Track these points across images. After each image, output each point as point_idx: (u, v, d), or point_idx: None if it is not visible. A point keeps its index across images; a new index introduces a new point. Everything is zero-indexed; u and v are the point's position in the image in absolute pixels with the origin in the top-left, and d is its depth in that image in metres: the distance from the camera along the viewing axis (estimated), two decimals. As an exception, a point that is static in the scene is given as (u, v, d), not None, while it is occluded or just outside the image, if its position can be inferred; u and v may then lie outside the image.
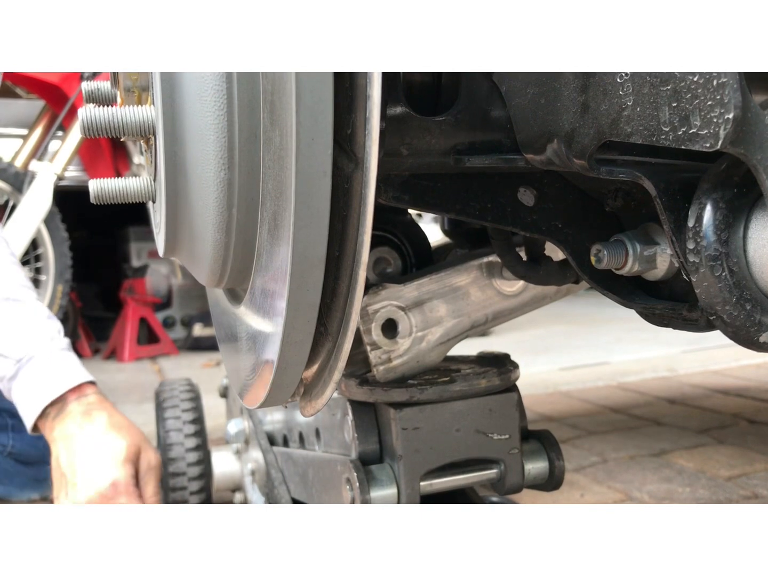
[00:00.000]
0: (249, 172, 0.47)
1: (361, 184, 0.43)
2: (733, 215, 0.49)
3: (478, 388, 0.78)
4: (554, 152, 0.52)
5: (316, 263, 0.44)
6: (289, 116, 0.40)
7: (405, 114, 0.54)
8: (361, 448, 0.80)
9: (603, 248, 0.58)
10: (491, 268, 0.83)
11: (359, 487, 0.74)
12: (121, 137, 0.50)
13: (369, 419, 0.80)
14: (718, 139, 0.42)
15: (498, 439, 0.80)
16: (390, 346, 0.79)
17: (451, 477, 0.80)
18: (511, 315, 0.86)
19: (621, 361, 2.88)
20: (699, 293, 0.50)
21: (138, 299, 3.90)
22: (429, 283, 0.81)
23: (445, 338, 0.82)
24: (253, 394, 0.57)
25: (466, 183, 0.62)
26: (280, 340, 0.46)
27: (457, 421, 0.78)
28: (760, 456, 1.62)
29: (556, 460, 0.84)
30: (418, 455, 0.76)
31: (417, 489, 0.76)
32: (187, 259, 0.57)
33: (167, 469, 1.24)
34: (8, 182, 3.27)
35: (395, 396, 0.77)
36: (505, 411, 0.80)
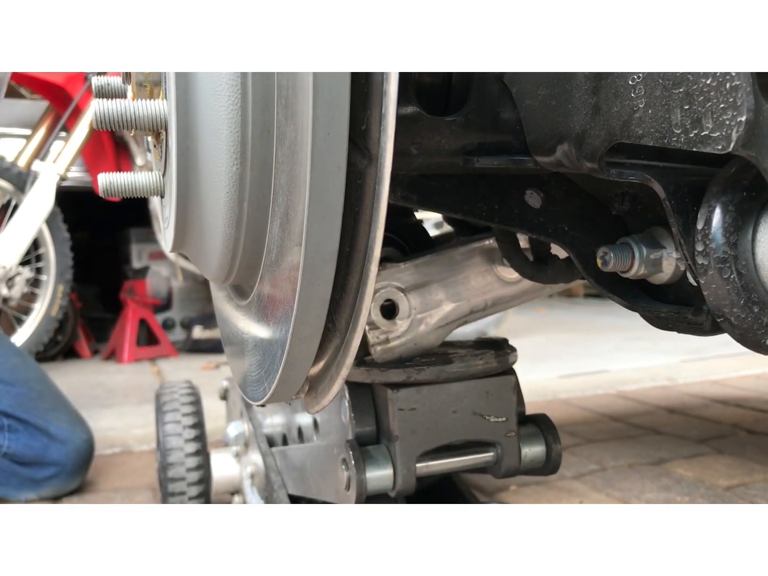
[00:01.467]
0: (261, 167, 0.47)
1: (374, 180, 0.43)
2: (742, 218, 0.49)
3: (475, 370, 0.78)
4: (564, 154, 0.53)
5: (328, 258, 0.44)
6: (306, 111, 0.40)
7: (416, 114, 0.54)
8: (357, 429, 0.79)
9: (609, 251, 0.58)
10: (492, 254, 0.83)
11: (355, 465, 0.74)
12: (133, 131, 0.50)
13: (366, 401, 0.80)
14: (730, 141, 0.42)
15: (495, 421, 0.79)
16: (388, 327, 0.79)
17: (447, 459, 0.80)
18: (511, 302, 0.86)
19: (620, 369, 2.88)
20: (707, 295, 0.50)
21: (138, 301, 3.90)
22: (428, 263, 0.81)
23: (444, 322, 0.82)
24: (258, 390, 0.57)
25: (474, 184, 0.62)
26: (290, 336, 0.47)
27: (454, 402, 0.78)
28: (759, 466, 1.62)
29: (553, 443, 0.84)
30: (415, 436, 0.76)
31: (413, 470, 0.76)
32: (195, 254, 0.57)
33: (167, 473, 1.23)
34: (11, 182, 3.27)
35: (392, 376, 0.76)
36: (502, 393, 0.80)
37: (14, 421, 1.49)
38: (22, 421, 1.49)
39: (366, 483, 0.74)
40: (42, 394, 1.57)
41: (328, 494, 0.84)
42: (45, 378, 1.65)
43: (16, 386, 1.53)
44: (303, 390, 0.57)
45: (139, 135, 2.11)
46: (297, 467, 1.00)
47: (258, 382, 0.57)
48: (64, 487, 1.53)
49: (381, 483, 0.75)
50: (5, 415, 1.49)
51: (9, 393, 1.51)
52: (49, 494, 1.52)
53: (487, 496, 1.50)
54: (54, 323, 3.43)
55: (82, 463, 1.56)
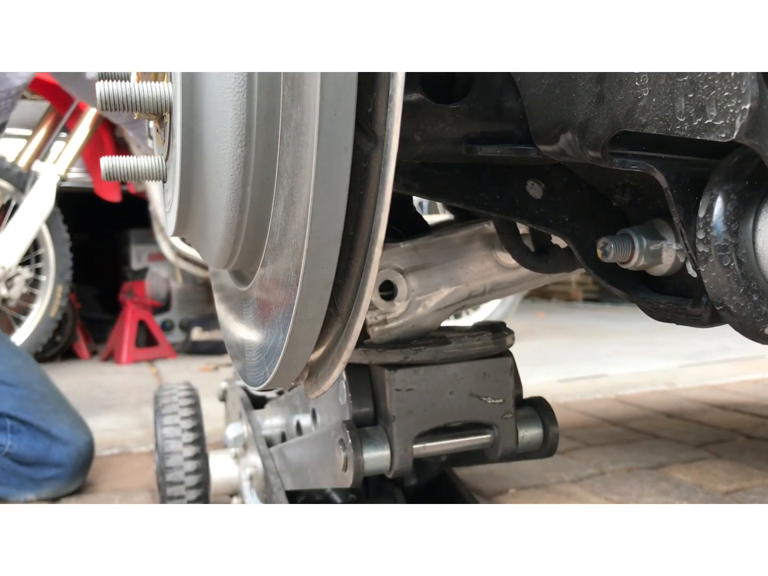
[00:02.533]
0: (266, 149, 0.48)
1: (379, 162, 0.43)
2: (743, 207, 0.49)
3: (472, 351, 0.78)
4: (567, 143, 0.53)
5: (332, 240, 0.44)
6: (313, 91, 0.40)
7: (420, 101, 0.54)
8: (355, 410, 0.79)
9: (610, 241, 0.58)
10: (491, 239, 0.83)
11: (352, 445, 0.74)
12: (137, 113, 0.50)
13: (363, 382, 0.80)
14: (733, 129, 0.42)
15: (492, 403, 0.79)
16: (387, 308, 0.79)
17: (444, 441, 0.80)
18: (510, 288, 0.86)
19: (619, 374, 2.88)
20: (707, 283, 0.50)
21: (137, 302, 3.89)
22: (427, 245, 0.81)
23: (442, 305, 0.82)
24: (258, 375, 0.57)
25: (476, 174, 0.62)
26: (292, 318, 0.47)
27: (451, 383, 0.78)
28: (757, 471, 1.62)
29: (550, 425, 0.84)
30: (412, 416, 0.76)
31: (410, 451, 0.76)
32: (197, 238, 0.57)
33: (165, 477, 1.23)
34: (11, 182, 3.27)
35: (389, 357, 0.76)
36: (499, 375, 0.80)
37: (17, 422, 1.49)
38: (25, 423, 1.49)
39: (363, 463, 0.74)
40: (44, 396, 1.57)
41: (326, 480, 0.84)
42: (47, 380, 1.65)
43: (19, 388, 1.53)
44: (303, 377, 0.57)
45: (139, 126, 2.11)
46: (295, 462, 1.00)
47: (258, 367, 0.57)
48: (65, 488, 1.53)
49: (378, 463, 0.75)
50: (8, 417, 1.49)
51: (12, 394, 1.51)
52: (48, 495, 1.52)
53: (486, 500, 1.49)
54: (53, 324, 3.43)
55: (83, 465, 1.56)
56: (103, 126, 3.55)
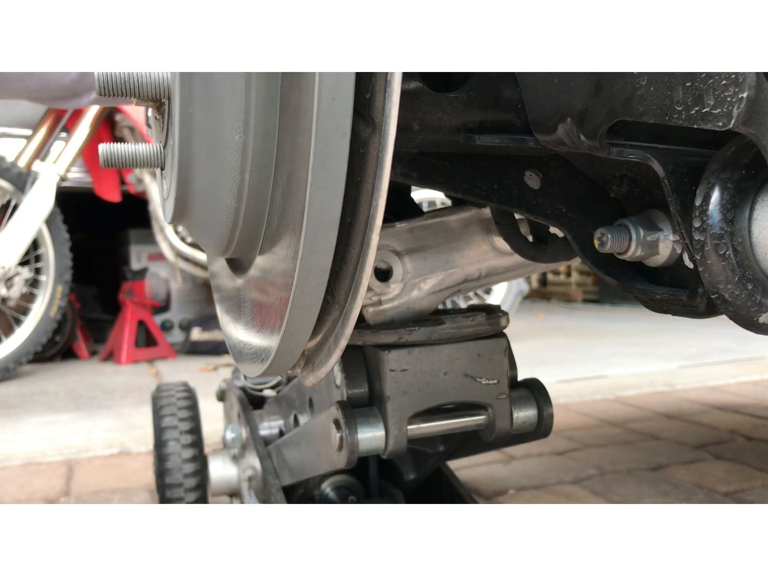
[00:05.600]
0: (263, 136, 0.48)
1: (377, 148, 0.43)
2: (740, 196, 0.49)
3: (466, 332, 0.78)
4: (565, 132, 0.53)
5: (330, 225, 0.44)
6: (311, 76, 0.40)
7: (418, 89, 0.54)
8: (349, 391, 0.79)
9: (607, 232, 0.59)
10: (488, 224, 0.83)
11: (346, 424, 0.74)
12: (136, 99, 0.50)
13: (358, 363, 0.80)
14: (731, 118, 0.42)
15: (486, 383, 0.79)
16: (381, 289, 0.79)
17: (439, 422, 0.80)
18: (505, 274, 0.86)
19: (619, 375, 2.88)
20: (702, 272, 0.50)
21: (137, 302, 3.90)
22: (423, 228, 0.81)
23: (437, 288, 0.82)
24: (255, 362, 0.57)
25: (474, 164, 0.62)
26: (290, 304, 0.47)
27: (446, 364, 0.78)
28: (756, 472, 1.62)
29: (544, 406, 0.83)
30: (406, 397, 0.76)
31: (404, 431, 0.76)
32: (194, 226, 0.57)
33: (164, 479, 1.22)
34: (11, 182, 3.28)
35: (383, 338, 0.76)
36: (493, 356, 0.80)
37: None
38: None
39: (358, 443, 0.74)
40: None
41: (322, 465, 0.84)
42: None
43: None
44: (299, 365, 0.57)
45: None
46: (292, 452, 1.00)
47: (255, 355, 0.57)
48: None
49: (373, 443, 0.75)
50: None
51: None
52: None
53: (485, 500, 1.49)
54: (52, 324, 3.43)
55: None
56: (103, 126, 3.56)
